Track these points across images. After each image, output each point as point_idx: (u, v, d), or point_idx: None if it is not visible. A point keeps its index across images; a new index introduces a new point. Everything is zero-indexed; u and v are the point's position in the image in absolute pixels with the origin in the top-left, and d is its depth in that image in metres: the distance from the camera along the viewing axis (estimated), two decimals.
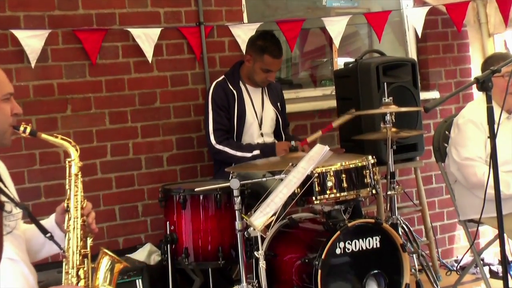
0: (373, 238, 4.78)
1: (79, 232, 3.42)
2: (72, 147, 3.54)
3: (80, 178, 3.53)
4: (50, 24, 5.62)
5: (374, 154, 5.17)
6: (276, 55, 5.71)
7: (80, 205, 3.47)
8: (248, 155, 5.54)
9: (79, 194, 3.49)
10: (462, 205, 5.47)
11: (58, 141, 3.53)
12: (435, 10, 6.87)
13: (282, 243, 4.97)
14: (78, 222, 3.43)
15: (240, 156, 5.54)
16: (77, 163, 3.53)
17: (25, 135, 3.42)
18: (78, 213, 3.45)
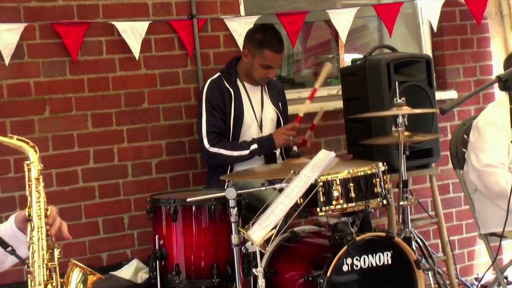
0: (384, 253, 4.78)
1: (44, 243, 3.36)
2: (31, 148, 3.45)
3: (42, 183, 3.44)
4: (26, 17, 5.62)
5: (384, 160, 5.17)
6: (277, 50, 5.70)
7: (43, 212, 3.40)
8: (245, 152, 5.54)
9: (42, 201, 3.41)
10: (483, 217, 5.47)
11: (14, 142, 3.45)
12: (452, 1, 6.89)
13: (283, 259, 4.97)
14: (43, 232, 3.36)
15: (237, 156, 5.54)
16: (37, 166, 3.44)
17: None
18: (42, 221, 3.38)
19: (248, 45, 5.76)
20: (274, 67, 5.73)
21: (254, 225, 4.29)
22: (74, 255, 5.64)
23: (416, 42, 7.32)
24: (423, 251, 5.88)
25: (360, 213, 4.97)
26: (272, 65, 5.70)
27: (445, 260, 6.39)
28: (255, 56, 5.68)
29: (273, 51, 5.68)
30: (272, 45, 5.68)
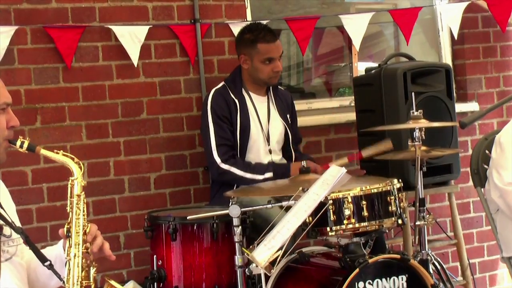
0: (399, 277, 4.79)
1: (80, 261, 3.44)
2: (75, 164, 3.58)
3: (84, 200, 3.56)
4: (16, 20, 5.65)
5: (400, 177, 5.18)
6: (269, 39, 5.75)
7: (82, 229, 3.49)
8: (259, 177, 5.56)
9: (81, 217, 3.52)
10: (505, 239, 5.47)
11: (59, 157, 3.57)
12: (475, 6, 6.91)
13: (290, 281, 4.97)
14: (80, 249, 3.45)
15: (250, 178, 5.56)
16: (81, 182, 3.56)
17: (22, 150, 3.49)
18: (80, 238, 3.47)
19: (242, 50, 5.79)
20: (275, 57, 5.74)
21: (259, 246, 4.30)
22: None
23: (435, 50, 7.34)
24: (441, 275, 5.88)
25: (373, 233, 4.97)
26: (272, 55, 5.72)
27: (464, 285, 6.39)
28: (252, 57, 5.71)
29: (266, 42, 5.72)
30: (263, 37, 5.73)
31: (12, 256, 3.50)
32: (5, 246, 3.44)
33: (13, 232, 3.46)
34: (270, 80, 5.77)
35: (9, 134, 3.48)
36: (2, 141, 3.45)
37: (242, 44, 5.80)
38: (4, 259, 3.41)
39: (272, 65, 5.71)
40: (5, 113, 3.48)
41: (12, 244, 3.51)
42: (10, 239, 3.49)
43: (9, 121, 3.49)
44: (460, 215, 6.60)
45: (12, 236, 3.49)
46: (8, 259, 3.46)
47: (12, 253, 3.51)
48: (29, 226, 5.54)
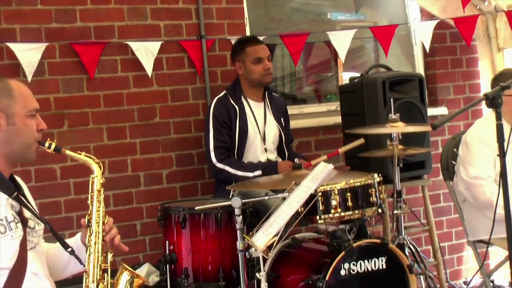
0: (379, 259, 4.79)
1: (100, 247, 3.50)
2: (96, 164, 3.61)
3: (102, 194, 3.62)
4: (47, 37, 5.63)
5: (380, 172, 5.17)
6: (256, 42, 5.81)
7: (102, 220, 3.55)
8: (250, 174, 5.54)
9: (101, 210, 3.57)
10: (471, 225, 5.47)
11: (82, 157, 3.60)
12: (444, 24, 6.89)
13: (285, 264, 4.97)
14: (99, 236, 3.51)
15: (241, 175, 5.53)
16: (100, 180, 3.60)
17: (50, 151, 3.52)
18: (100, 228, 3.53)
19: (235, 58, 5.81)
20: (263, 57, 5.73)
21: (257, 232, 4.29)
22: None
23: (409, 61, 7.32)
24: (415, 257, 5.86)
25: (356, 221, 4.97)
26: (260, 55, 5.73)
27: (436, 265, 6.38)
28: (244, 61, 5.72)
29: (253, 44, 5.77)
30: (250, 41, 5.80)
31: (35, 245, 3.52)
32: (30, 237, 3.46)
33: (36, 224, 3.52)
34: (263, 78, 5.75)
35: (38, 136, 3.50)
36: (33, 142, 3.47)
37: (235, 54, 5.82)
38: (30, 248, 3.44)
39: (262, 64, 5.71)
40: (34, 118, 3.49)
41: (35, 235, 3.53)
42: (34, 231, 3.52)
43: (38, 125, 3.51)
44: (432, 204, 6.59)
45: (35, 228, 3.53)
46: (32, 248, 3.47)
47: (36, 242, 3.53)
48: (57, 216, 5.57)
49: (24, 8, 5.57)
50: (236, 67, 5.78)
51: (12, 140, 3.41)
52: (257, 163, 5.65)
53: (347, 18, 7.31)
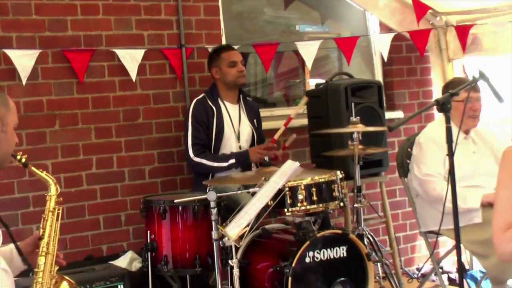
0: (340, 247, 4.80)
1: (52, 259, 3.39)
2: (54, 184, 3.51)
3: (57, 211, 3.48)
4: (40, 44, 5.60)
5: (342, 169, 5.19)
6: (230, 49, 5.83)
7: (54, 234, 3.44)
8: (225, 164, 5.54)
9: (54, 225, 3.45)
10: (423, 218, 5.49)
11: (43, 175, 3.50)
12: (400, 36, 6.91)
13: (255, 252, 4.97)
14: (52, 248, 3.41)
15: (217, 166, 5.53)
16: (55, 199, 3.49)
17: (18, 164, 3.42)
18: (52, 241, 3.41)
19: (212, 65, 5.80)
20: (237, 61, 5.74)
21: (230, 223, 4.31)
22: (79, 246, 5.69)
23: (369, 70, 7.34)
24: (373, 246, 5.88)
25: (321, 214, 4.97)
26: (234, 59, 5.74)
27: (391, 253, 6.39)
28: (220, 66, 5.72)
29: (227, 50, 5.79)
30: (224, 48, 5.83)
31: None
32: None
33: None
34: (238, 79, 5.74)
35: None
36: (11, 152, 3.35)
37: (211, 61, 5.82)
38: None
39: (237, 67, 5.71)
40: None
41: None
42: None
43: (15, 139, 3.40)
44: (389, 199, 6.60)
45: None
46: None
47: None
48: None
49: (20, 18, 5.54)
50: (213, 72, 5.78)
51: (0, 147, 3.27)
52: (230, 153, 5.63)
53: (314, 30, 7.31)
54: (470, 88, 4.68)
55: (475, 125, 5.45)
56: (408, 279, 6.50)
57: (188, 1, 6.18)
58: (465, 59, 7.13)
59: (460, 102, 4.89)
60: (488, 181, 5.27)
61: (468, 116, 5.25)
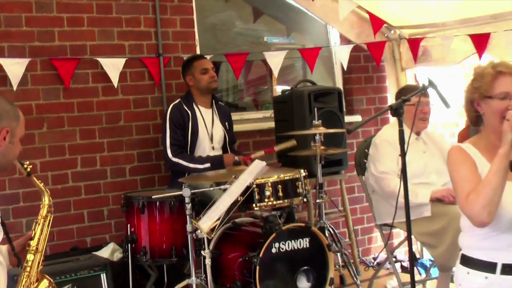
0: (304, 239, 4.81)
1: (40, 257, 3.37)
2: (47, 195, 3.49)
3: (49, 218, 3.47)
4: (30, 53, 5.55)
5: (305, 168, 5.20)
6: (201, 57, 5.84)
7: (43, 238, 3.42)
8: (200, 167, 5.50)
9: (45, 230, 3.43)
10: (378, 212, 5.50)
11: (41, 186, 3.49)
12: (358, 48, 6.94)
13: (226, 243, 4.96)
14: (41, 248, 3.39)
15: (193, 167, 5.50)
16: (47, 208, 3.46)
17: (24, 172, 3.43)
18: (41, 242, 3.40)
19: (186, 73, 5.78)
20: (208, 67, 5.73)
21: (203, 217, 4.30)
22: (65, 238, 5.64)
23: (331, 78, 7.35)
24: (333, 237, 5.89)
25: (286, 208, 4.98)
26: (206, 66, 5.73)
27: (350, 244, 6.42)
28: (193, 73, 5.71)
29: (199, 59, 5.79)
30: (196, 58, 5.83)
31: None
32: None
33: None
34: (210, 84, 5.72)
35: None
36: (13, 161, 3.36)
37: (185, 70, 5.79)
38: None
39: (208, 74, 5.70)
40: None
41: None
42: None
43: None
44: (348, 195, 6.63)
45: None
46: None
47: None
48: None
49: (11, 29, 5.49)
50: (187, 80, 5.75)
51: (5, 155, 3.28)
52: (206, 157, 5.60)
53: (280, 41, 7.32)
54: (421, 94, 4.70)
55: (425, 127, 5.48)
56: (365, 267, 6.51)
57: (166, 14, 6.16)
58: (416, 69, 7.17)
59: (412, 106, 4.89)
60: (437, 178, 5.31)
61: (419, 119, 5.27)
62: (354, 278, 5.68)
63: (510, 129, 2.77)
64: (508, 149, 2.76)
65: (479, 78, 3.03)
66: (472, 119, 3.14)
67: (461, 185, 2.93)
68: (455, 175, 3.00)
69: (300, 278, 4.77)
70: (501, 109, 2.94)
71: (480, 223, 2.84)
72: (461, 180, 2.94)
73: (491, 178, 2.79)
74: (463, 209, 2.90)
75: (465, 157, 3.00)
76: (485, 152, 3.01)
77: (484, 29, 6.16)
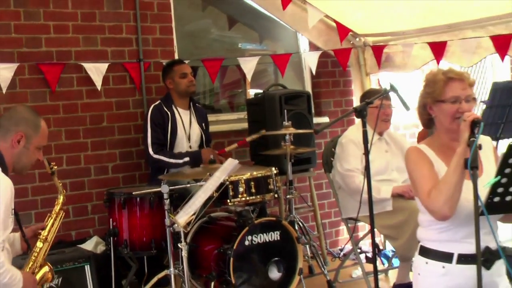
0: (275, 232, 4.82)
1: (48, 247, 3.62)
2: (63, 195, 3.78)
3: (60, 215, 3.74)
4: (18, 59, 5.51)
5: (277, 166, 5.21)
6: (180, 62, 5.81)
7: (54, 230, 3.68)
8: (180, 161, 5.48)
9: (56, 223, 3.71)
10: (344, 206, 5.51)
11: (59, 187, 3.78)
12: (326, 54, 6.94)
13: (203, 236, 4.96)
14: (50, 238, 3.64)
15: (173, 163, 5.48)
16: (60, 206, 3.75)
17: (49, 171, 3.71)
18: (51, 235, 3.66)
19: (166, 77, 5.74)
20: (187, 72, 5.70)
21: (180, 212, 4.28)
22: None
23: (300, 82, 7.35)
24: (302, 230, 5.91)
25: (258, 204, 4.99)
26: (185, 71, 5.70)
27: (318, 237, 6.44)
28: (173, 77, 5.67)
29: (179, 64, 5.75)
30: (176, 62, 5.80)
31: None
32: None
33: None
34: (189, 88, 5.69)
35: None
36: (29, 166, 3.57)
37: (165, 74, 5.75)
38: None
39: (187, 78, 5.67)
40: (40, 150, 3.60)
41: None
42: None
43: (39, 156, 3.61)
44: (316, 191, 6.65)
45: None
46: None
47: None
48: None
49: (1, 36, 5.45)
50: (167, 83, 5.72)
51: (20, 158, 3.49)
52: (185, 152, 5.58)
53: (253, 48, 7.31)
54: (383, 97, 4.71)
55: (387, 128, 5.50)
56: (332, 258, 6.54)
57: (146, 22, 6.13)
58: (380, 74, 7.20)
59: (375, 108, 4.91)
60: (398, 175, 5.33)
61: (382, 120, 5.28)
62: (322, 268, 5.69)
63: (466, 129, 2.81)
64: (464, 148, 2.79)
65: (431, 84, 3.07)
66: (424, 121, 3.19)
67: (421, 183, 2.96)
68: (415, 174, 3.03)
69: (271, 268, 4.78)
70: (452, 112, 3.00)
71: (442, 217, 2.88)
72: (421, 178, 2.97)
73: (451, 175, 2.82)
74: (426, 205, 2.92)
75: (422, 157, 3.04)
76: (439, 152, 3.05)
77: (441, 37, 6.20)
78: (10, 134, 3.46)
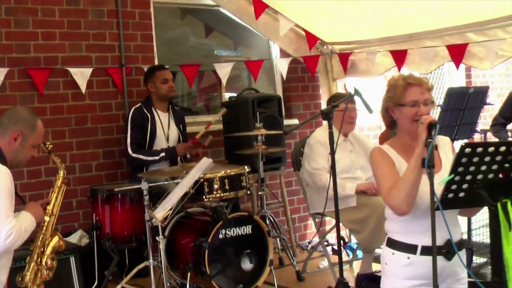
0: (247, 226, 4.81)
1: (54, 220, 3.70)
2: (63, 169, 3.84)
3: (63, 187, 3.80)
4: (8, 63, 5.48)
5: (249, 164, 5.21)
6: (162, 68, 5.78)
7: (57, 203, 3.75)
8: (157, 158, 5.47)
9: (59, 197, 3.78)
10: (311, 202, 5.52)
11: (58, 163, 3.84)
12: (296, 61, 6.95)
13: (180, 230, 4.94)
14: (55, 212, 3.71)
15: (151, 160, 5.46)
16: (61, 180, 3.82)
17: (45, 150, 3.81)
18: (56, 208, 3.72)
19: (148, 81, 5.71)
20: (168, 78, 5.68)
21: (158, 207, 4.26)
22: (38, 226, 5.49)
23: (272, 86, 7.35)
24: (273, 225, 5.91)
25: (232, 200, 4.99)
26: (166, 77, 5.67)
27: (288, 231, 6.44)
28: (155, 82, 5.65)
29: (161, 69, 5.73)
30: (158, 68, 5.77)
31: None
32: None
33: None
34: (169, 93, 5.67)
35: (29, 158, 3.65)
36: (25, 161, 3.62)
37: (147, 78, 5.73)
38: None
39: (168, 84, 5.65)
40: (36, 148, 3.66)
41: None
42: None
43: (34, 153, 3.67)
44: (286, 188, 6.66)
45: None
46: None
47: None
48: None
49: None
50: (149, 86, 5.69)
51: (16, 154, 3.55)
52: (161, 149, 5.56)
53: (228, 54, 7.29)
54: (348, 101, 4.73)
55: (352, 129, 5.51)
56: (300, 250, 6.55)
57: (128, 30, 6.10)
58: (346, 79, 7.21)
59: (340, 111, 4.93)
60: (361, 173, 5.36)
61: (347, 122, 5.29)
62: (291, 259, 5.69)
63: (424, 131, 2.83)
64: (422, 149, 2.81)
65: (392, 88, 3.09)
66: (387, 123, 3.21)
67: (383, 181, 2.99)
68: (377, 173, 3.05)
69: (244, 260, 4.76)
70: (411, 114, 3.01)
71: (401, 212, 2.91)
72: (383, 177, 2.99)
73: (409, 174, 2.85)
74: (386, 201, 2.95)
75: (385, 157, 3.05)
76: (401, 152, 3.07)
77: (402, 46, 6.23)
78: (8, 132, 3.51)
